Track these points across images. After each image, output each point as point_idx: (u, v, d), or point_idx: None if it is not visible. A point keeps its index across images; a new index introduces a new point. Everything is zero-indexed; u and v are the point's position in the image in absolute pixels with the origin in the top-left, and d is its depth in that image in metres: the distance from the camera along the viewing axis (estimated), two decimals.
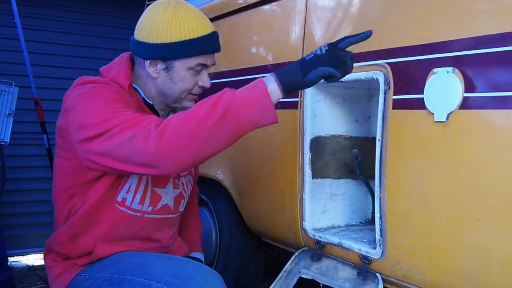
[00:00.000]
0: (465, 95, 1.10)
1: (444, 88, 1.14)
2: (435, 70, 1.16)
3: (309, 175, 1.58)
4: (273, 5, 1.77)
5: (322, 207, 1.62)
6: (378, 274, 1.36)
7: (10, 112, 2.69)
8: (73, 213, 1.34)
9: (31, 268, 3.22)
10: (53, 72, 3.56)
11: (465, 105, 1.10)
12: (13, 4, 3.01)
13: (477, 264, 1.10)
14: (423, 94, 1.19)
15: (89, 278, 1.33)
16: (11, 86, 2.71)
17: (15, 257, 3.41)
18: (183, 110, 1.37)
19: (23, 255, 3.47)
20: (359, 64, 1.37)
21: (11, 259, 3.31)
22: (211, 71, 1.41)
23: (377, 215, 1.32)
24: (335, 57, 1.12)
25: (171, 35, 1.28)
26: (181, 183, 1.47)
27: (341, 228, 1.62)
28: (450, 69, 1.13)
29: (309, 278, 1.55)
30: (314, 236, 1.56)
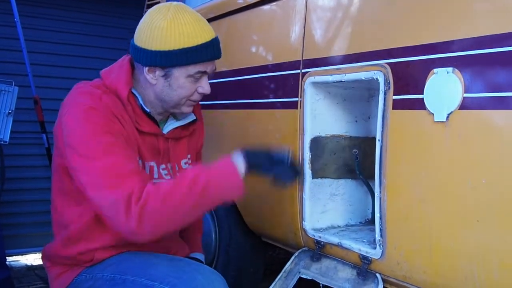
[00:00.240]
0: (465, 95, 1.10)
1: (444, 88, 1.14)
2: (435, 70, 1.16)
3: (309, 175, 1.58)
4: (273, 5, 1.77)
5: (322, 207, 1.62)
6: (378, 275, 1.36)
7: (10, 111, 2.69)
8: (71, 223, 1.33)
9: (30, 268, 3.21)
10: (53, 72, 3.55)
11: (465, 105, 1.10)
12: (13, 4, 3.00)
13: (477, 265, 1.10)
14: (423, 94, 1.19)
15: (90, 278, 1.33)
16: (10, 85, 2.71)
17: (14, 256, 3.40)
18: (181, 115, 1.40)
19: (22, 254, 3.46)
20: (359, 64, 1.37)
21: (9, 258, 3.31)
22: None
23: (377, 215, 1.32)
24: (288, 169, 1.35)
25: (169, 43, 1.26)
26: None
27: (341, 228, 1.62)
28: (450, 69, 1.13)
29: (309, 278, 1.55)
30: (314, 236, 1.56)
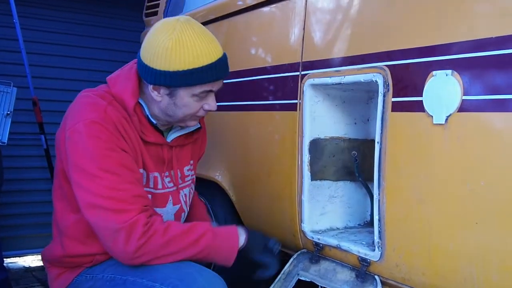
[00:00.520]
0: (464, 97, 1.10)
1: (443, 90, 1.14)
2: (434, 72, 1.16)
3: (307, 177, 1.58)
4: (273, 7, 1.77)
5: (321, 209, 1.62)
6: (376, 277, 1.36)
7: (8, 112, 2.68)
8: (71, 227, 1.33)
9: (27, 269, 3.20)
10: (52, 73, 3.55)
11: (463, 107, 1.10)
12: (12, 5, 3.00)
13: (476, 267, 1.10)
14: (422, 96, 1.19)
15: (91, 278, 1.33)
16: (9, 86, 2.71)
17: (12, 258, 3.40)
18: (185, 127, 1.41)
19: (19, 256, 3.46)
20: (358, 67, 1.38)
21: (7, 260, 3.30)
22: None
23: (376, 217, 1.32)
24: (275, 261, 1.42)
25: (174, 64, 1.23)
26: (183, 195, 1.47)
27: (340, 230, 1.62)
28: (449, 71, 1.13)
29: (307, 280, 1.55)
30: (313, 238, 1.56)
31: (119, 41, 3.80)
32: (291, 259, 1.63)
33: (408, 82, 1.24)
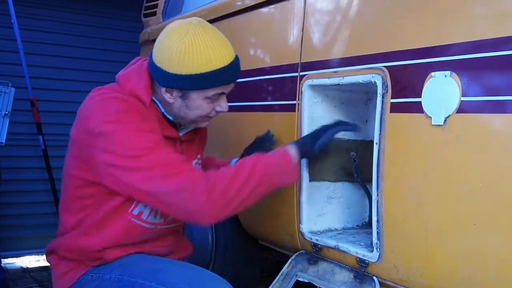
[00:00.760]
0: (463, 99, 1.10)
1: (442, 92, 1.14)
2: (432, 74, 1.16)
3: (306, 178, 1.58)
4: (271, 7, 1.77)
5: (319, 210, 1.62)
6: (375, 278, 1.36)
7: (6, 112, 2.68)
8: (84, 221, 1.33)
9: (25, 270, 3.19)
10: (50, 73, 3.55)
11: (462, 109, 1.10)
12: (10, 5, 3.00)
13: (474, 268, 1.10)
14: (420, 97, 1.19)
15: (97, 278, 1.32)
16: (7, 86, 2.71)
17: (9, 258, 3.39)
18: (197, 127, 1.44)
19: (17, 256, 3.45)
20: (357, 68, 1.38)
21: (5, 260, 3.29)
22: None
23: (374, 218, 1.32)
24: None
25: (187, 67, 1.25)
26: None
27: (338, 231, 1.62)
28: (448, 73, 1.13)
29: (306, 281, 1.54)
30: (311, 239, 1.56)
31: (117, 41, 3.79)
32: (289, 260, 1.63)
33: (406, 83, 1.24)
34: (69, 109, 3.58)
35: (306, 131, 1.56)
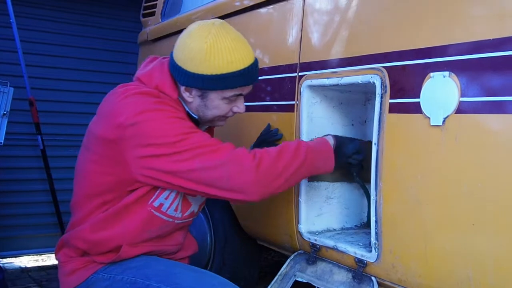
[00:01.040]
0: (461, 99, 1.10)
1: (440, 92, 1.14)
2: (431, 74, 1.17)
3: (305, 179, 1.58)
4: (270, 8, 1.78)
5: (318, 210, 1.62)
6: (373, 278, 1.36)
7: (5, 112, 2.68)
8: (102, 214, 1.32)
9: (24, 270, 3.19)
10: (48, 73, 3.55)
11: (461, 109, 1.11)
12: (8, 4, 3.00)
13: (473, 268, 1.10)
14: (419, 98, 1.19)
15: (108, 278, 1.31)
16: (6, 86, 2.70)
17: (8, 258, 3.39)
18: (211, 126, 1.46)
19: (16, 256, 3.44)
20: (356, 68, 1.38)
21: (3, 260, 3.29)
22: None
23: (372, 218, 1.32)
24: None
25: (208, 68, 1.26)
26: None
27: (337, 232, 1.62)
28: (447, 73, 1.13)
29: (304, 281, 1.54)
30: (310, 239, 1.56)
31: (116, 41, 3.80)
32: (288, 260, 1.63)
33: (405, 84, 1.24)
34: (68, 109, 3.59)
35: (305, 131, 1.57)
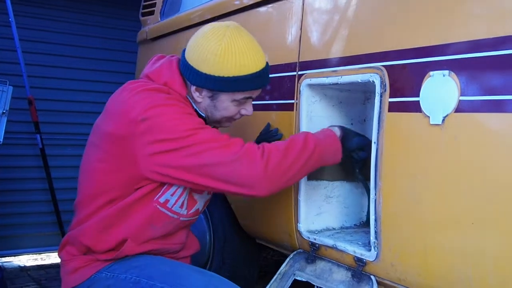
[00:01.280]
0: (461, 98, 1.10)
1: (440, 91, 1.14)
2: (431, 73, 1.17)
3: (304, 177, 1.58)
4: (270, 6, 1.77)
5: (317, 209, 1.62)
6: (372, 277, 1.36)
7: (4, 111, 2.68)
8: (109, 211, 1.32)
9: (23, 269, 3.19)
10: (48, 72, 3.54)
11: (460, 108, 1.11)
12: (7, 3, 2.99)
13: (472, 267, 1.10)
14: (419, 97, 1.19)
15: (111, 277, 1.30)
16: (5, 85, 2.70)
17: (7, 257, 3.38)
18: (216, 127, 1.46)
19: (15, 255, 3.44)
20: (355, 67, 1.38)
21: (2, 259, 3.29)
22: None
23: (372, 217, 1.32)
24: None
25: (221, 70, 1.28)
26: None
27: (336, 230, 1.62)
28: (446, 72, 1.13)
29: (303, 280, 1.54)
30: (309, 238, 1.56)
31: (115, 40, 3.79)
32: (287, 259, 1.63)
33: (405, 83, 1.24)
34: (67, 108, 3.59)
35: (304, 130, 1.56)
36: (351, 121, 1.66)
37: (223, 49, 1.27)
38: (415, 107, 1.20)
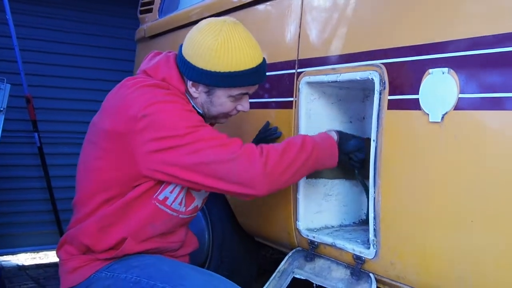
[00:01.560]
0: (460, 96, 1.10)
1: (439, 88, 1.14)
2: (430, 70, 1.16)
3: None
4: (268, 4, 1.77)
5: (316, 207, 1.62)
6: (371, 274, 1.36)
7: (1, 109, 2.67)
8: (107, 209, 1.31)
9: (21, 268, 3.19)
10: (45, 70, 3.53)
11: (460, 106, 1.10)
12: (5, 1, 2.98)
13: (471, 265, 1.10)
14: (418, 94, 1.19)
15: (111, 277, 1.30)
16: (2, 82, 2.69)
17: (5, 256, 3.38)
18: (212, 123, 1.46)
19: (13, 254, 3.43)
20: (354, 64, 1.37)
21: (0, 258, 3.28)
22: None
23: (371, 215, 1.32)
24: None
25: (217, 65, 1.27)
26: None
27: (335, 228, 1.62)
28: (446, 69, 1.13)
29: (302, 278, 1.54)
30: (308, 236, 1.56)
31: (113, 38, 3.78)
32: (286, 257, 1.63)
33: (404, 80, 1.24)
34: (65, 106, 3.58)
35: (303, 128, 1.56)
36: (350, 119, 1.66)
37: (220, 44, 1.27)
38: (414, 105, 1.20)
